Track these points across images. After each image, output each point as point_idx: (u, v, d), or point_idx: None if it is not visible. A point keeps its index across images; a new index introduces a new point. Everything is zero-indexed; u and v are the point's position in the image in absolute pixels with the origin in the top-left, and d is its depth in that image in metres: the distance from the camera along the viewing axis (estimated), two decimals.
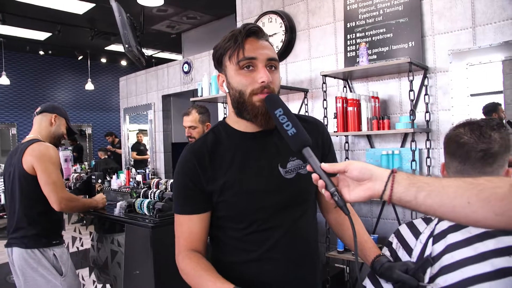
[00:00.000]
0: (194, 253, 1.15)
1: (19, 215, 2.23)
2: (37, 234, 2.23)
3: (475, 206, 0.73)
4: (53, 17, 6.74)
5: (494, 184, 0.73)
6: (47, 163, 2.20)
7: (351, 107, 2.96)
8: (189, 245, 1.16)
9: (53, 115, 2.41)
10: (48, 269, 2.22)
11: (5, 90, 9.25)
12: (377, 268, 1.15)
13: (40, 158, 2.19)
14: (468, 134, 1.12)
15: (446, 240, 1.06)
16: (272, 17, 3.78)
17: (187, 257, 1.14)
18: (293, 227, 1.17)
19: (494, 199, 0.71)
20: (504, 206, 0.70)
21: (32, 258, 2.19)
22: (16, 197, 2.25)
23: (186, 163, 1.16)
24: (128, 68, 10.56)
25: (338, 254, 3.03)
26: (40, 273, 2.20)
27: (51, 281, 2.21)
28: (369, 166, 0.85)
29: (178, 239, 1.18)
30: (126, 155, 7.09)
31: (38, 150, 2.22)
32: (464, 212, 0.74)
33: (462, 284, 0.98)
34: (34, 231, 2.22)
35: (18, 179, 2.22)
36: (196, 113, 2.95)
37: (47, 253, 2.24)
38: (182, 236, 1.17)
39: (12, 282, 4.63)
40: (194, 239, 1.16)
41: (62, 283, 2.25)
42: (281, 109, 1.00)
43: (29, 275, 2.19)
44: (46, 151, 2.23)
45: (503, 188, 0.71)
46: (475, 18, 2.68)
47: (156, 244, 2.27)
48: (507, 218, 0.71)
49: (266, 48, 1.13)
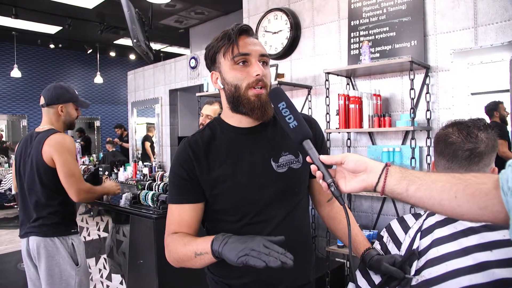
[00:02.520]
0: (178, 233, 1.20)
1: (39, 205, 2.24)
2: (57, 223, 2.25)
3: (461, 200, 0.77)
4: (63, 11, 6.82)
5: (480, 180, 0.77)
6: (66, 154, 2.22)
7: (353, 104, 3.00)
8: (177, 230, 1.20)
9: (59, 106, 2.37)
10: (65, 258, 2.24)
11: (17, 83, 9.37)
12: (366, 260, 1.20)
13: (59, 149, 2.20)
14: (456, 134, 1.16)
15: (433, 235, 1.10)
16: (278, 14, 3.81)
17: (170, 236, 1.20)
18: (286, 220, 1.21)
19: (478, 194, 0.75)
20: (487, 200, 0.74)
21: (51, 247, 2.22)
22: (36, 187, 2.25)
23: (182, 155, 1.21)
24: (136, 62, 10.63)
25: (338, 248, 3.07)
26: (56, 261, 2.21)
27: (67, 270, 2.23)
28: (364, 159, 0.90)
29: (168, 227, 1.23)
30: (134, 148, 7.17)
31: (56, 141, 2.22)
32: (451, 206, 0.79)
33: (446, 277, 1.03)
34: (54, 220, 2.24)
35: (37, 169, 2.23)
36: (218, 106, 3.01)
37: (66, 241, 2.26)
38: (172, 223, 1.22)
39: (22, 270, 4.74)
40: (183, 226, 1.20)
41: (77, 273, 2.27)
42: (284, 102, 1.04)
43: (46, 264, 2.21)
44: (65, 143, 2.24)
45: (488, 184, 0.75)
46: (477, 18, 2.70)
47: (159, 235, 2.33)
48: (490, 213, 0.75)
49: (257, 44, 1.20)
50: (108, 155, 7.66)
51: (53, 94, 2.37)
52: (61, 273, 2.22)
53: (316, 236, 3.59)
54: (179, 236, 1.18)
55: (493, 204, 0.74)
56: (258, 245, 0.98)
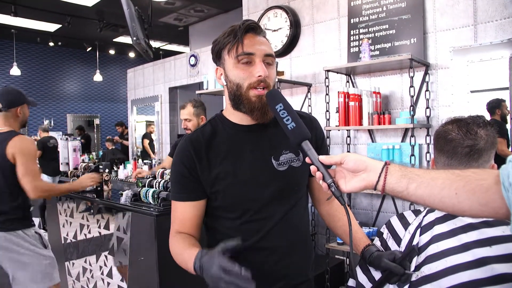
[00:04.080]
0: (183, 234, 1.21)
1: (2, 201, 2.41)
2: (21, 218, 2.45)
3: (461, 196, 0.78)
4: (63, 9, 6.82)
5: (480, 177, 0.77)
6: (28, 156, 2.40)
7: (353, 102, 3.01)
8: (181, 229, 1.22)
9: (17, 108, 2.54)
10: (32, 243, 2.44)
11: (16, 81, 9.38)
12: (366, 257, 1.20)
13: (22, 152, 2.38)
14: (456, 131, 1.16)
15: (432, 231, 1.11)
16: (278, 12, 3.81)
17: (175, 237, 1.21)
18: (285, 217, 1.22)
19: (479, 191, 0.76)
20: (488, 197, 0.75)
21: (16, 238, 2.39)
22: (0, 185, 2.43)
23: (184, 152, 1.21)
24: (136, 60, 10.63)
25: (337, 245, 3.08)
26: (26, 247, 2.41)
27: (37, 251, 2.45)
28: (363, 158, 0.90)
29: (172, 224, 1.24)
30: (133, 146, 7.17)
31: (20, 145, 2.40)
32: (451, 202, 0.79)
33: (445, 272, 1.04)
34: (18, 215, 2.43)
35: (2, 169, 2.39)
36: (191, 107, 3.22)
37: (30, 231, 2.46)
38: (176, 221, 1.23)
39: None
40: (186, 225, 1.22)
41: (48, 253, 2.51)
42: (282, 104, 1.04)
43: (14, 255, 2.38)
44: (28, 146, 2.44)
45: (488, 181, 0.76)
46: (476, 16, 2.70)
47: (160, 232, 2.35)
48: (490, 209, 0.75)
49: (263, 44, 1.18)
50: (107, 153, 7.67)
51: (10, 98, 2.55)
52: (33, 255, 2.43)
53: (315, 233, 3.60)
54: (178, 240, 1.20)
55: (494, 200, 0.74)
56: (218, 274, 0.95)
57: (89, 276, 3.13)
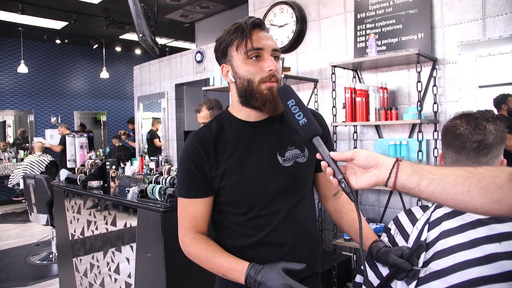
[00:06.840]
0: (200, 235, 1.22)
1: None
2: None
3: (474, 193, 0.77)
4: (69, 6, 6.84)
5: (493, 174, 0.76)
6: None
7: (360, 97, 2.99)
8: (194, 228, 1.22)
9: None
10: None
11: (24, 78, 9.43)
12: (374, 252, 1.20)
13: None
14: (464, 126, 1.15)
15: (441, 227, 1.10)
16: (284, 8, 3.80)
17: (195, 239, 1.20)
18: (291, 213, 1.22)
19: (492, 188, 0.75)
20: (501, 194, 0.74)
21: None
22: None
23: (191, 149, 1.21)
24: (142, 56, 10.64)
25: (345, 242, 3.08)
26: None
27: None
28: (375, 154, 0.89)
29: (183, 222, 1.24)
30: (140, 143, 7.20)
31: None
32: (464, 200, 0.78)
33: (454, 269, 1.03)
34: None
35: None
36: (206, 110, 3.22)
37: None
38: (187, 219, 1.23)
39: (31, 263, 4.81)
40: (199, 223, 1.22)
41: None
42: (293, 100, 1.05)
43: None
44: None
45: (501, 178, 0.75)
46: (485, 10, 2.67)
47: (167, 228, 2.35)
48: (504, 206, 0.74)
49: (270, 39, 1.20)
50: (114, 150, 7.71)
51: None
52: None
53: (322, 229, 3.59)
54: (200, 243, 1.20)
55: (507, 197, 0.73)
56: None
57: (97, 272, 3.15)
